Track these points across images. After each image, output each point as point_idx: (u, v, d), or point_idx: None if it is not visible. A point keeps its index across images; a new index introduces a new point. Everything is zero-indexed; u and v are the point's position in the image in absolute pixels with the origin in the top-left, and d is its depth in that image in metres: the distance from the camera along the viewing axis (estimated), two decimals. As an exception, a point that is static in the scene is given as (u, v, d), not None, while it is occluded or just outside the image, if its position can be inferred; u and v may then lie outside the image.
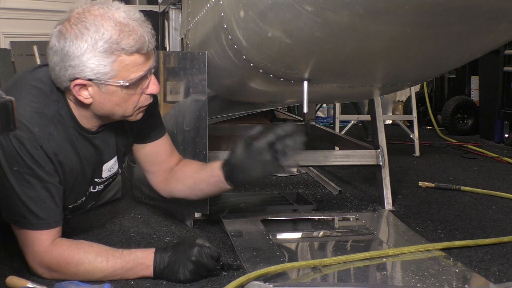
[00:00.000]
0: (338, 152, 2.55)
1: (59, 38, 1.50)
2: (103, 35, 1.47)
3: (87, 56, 1.48)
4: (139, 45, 1.51)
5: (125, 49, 1.49)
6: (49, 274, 1.55)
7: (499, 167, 3.35)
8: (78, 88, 1.53)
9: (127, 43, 1.49)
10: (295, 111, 4.57)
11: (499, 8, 1.30)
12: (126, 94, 1.56)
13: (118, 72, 1.51)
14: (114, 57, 1.49)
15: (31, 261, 1.56)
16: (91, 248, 1.55)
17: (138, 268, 1.55)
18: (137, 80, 1.55)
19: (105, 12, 1.50)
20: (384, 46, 1.54)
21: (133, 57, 1.52)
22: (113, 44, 1.48)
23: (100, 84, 1.52)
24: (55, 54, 1.51)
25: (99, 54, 1.48)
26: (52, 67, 1.54)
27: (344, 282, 1.60)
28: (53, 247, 1.54)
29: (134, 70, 1.53)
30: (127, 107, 1.59)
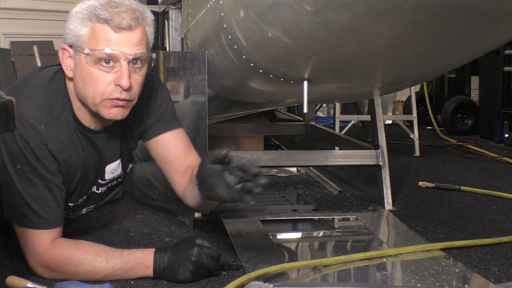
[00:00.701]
0: (338, 152, 2.55)
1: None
2: (90, 3, 1.51)
3: (71, 19, 1.53)
4: (110, 16, 1.49)
5: (97, 15, 1.49)
6: (49, 274, 1.55)
7: (499, 167, 3.35)
8: (61, 53, 1.56)
9: (101, 12, 1.49)
10: (295, 111, 4.57)
11: (499, 8, 1.30)
12: (94, 70, 1.51)
13: (87, 39, 1.51)
14: (90, 24, 1.50)
15: (31, 260, 1.56)
16: (91, 248, 1.55)
17: (138, 268, 1.55)
18: (100, 54, 1.49)
19: None
20: (384, 46, 1.54)
21: (102, 27, 1.49)
22: (92, 10, 1.50)
23: (75, 51, 1.53)
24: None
25: (79, 18, 1.51)
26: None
27: (344, 282, 1.60)
28: (53, 247, 1.54)
29: (101, 43, 1.49)
30: (95, 89, 1.52)
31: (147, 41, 1.57)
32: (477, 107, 4.71)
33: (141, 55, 1.53)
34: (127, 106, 1.57)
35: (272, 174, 3.04)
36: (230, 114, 3.02)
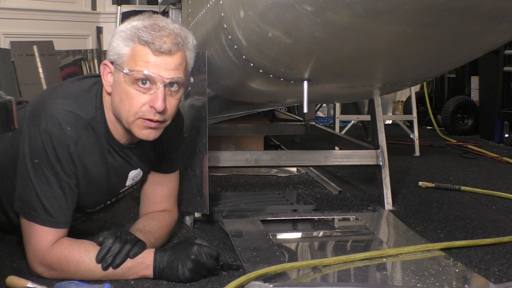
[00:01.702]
0: (338, 152, 2.55)
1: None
2: (135, 24, 1.53)
3: (116, 37, 1.54)
4: (152, 39, 1.50)
5: (140, 37, 1.51)
6: (49, 273, 1.55)
7: (499, 167, 3.35)
8: (103, 68, 1.58)
9: (144, 34, 1.51)
10: (295, 111, 4.57)
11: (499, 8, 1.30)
12: (131, 90, 1.52)
13: (128, 59, 1.52)
14: (131, 44, 1.52)
15: (31, 259, 1.56)
16: (92, 247, 1.55)
17: (138, 268, 1.55)
18: (138, 75, 1.51)
19: (163, 19, 1.56)
20: (384, 46, 1.54)
21: (143, 49, 1.51)
22: (135, 31, 1.52)
23: (116, 69, 1.55)
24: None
25: (122, 38, 1.53)
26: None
27: (344, 282, 1.60)
28: (55, 246, 1.54)
29: (140, 64, 1.51)
30: (129, 108, 1.53)
31: (185, 66, 1.57)
32: (477, 107, 4.71)
33: (178, 79, 1.54)
34: (159, 127, 1.58)
35: (272, 174, 3.04)
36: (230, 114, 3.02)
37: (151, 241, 1.66)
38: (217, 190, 2.70)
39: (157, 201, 1.85)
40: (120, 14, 5.51)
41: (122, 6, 5.56)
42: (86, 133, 1.58)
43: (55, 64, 4.84)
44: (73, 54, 5.11)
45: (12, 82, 4.53)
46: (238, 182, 2.89)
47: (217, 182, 2.86)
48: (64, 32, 5.18)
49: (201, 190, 2.05)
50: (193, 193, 2.07)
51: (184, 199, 2.08)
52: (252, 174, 3.04)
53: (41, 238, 1.54)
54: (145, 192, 1.87)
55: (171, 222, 1.84)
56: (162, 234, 1.77)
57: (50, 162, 1.53)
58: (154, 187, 1.85)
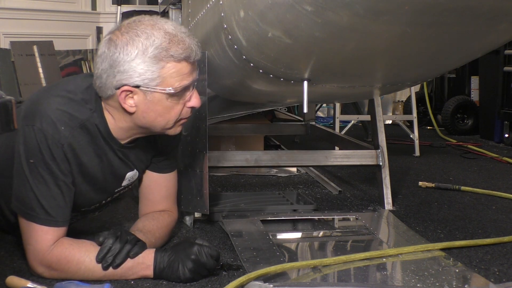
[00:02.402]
0: (338, 152, 2.55)
1: (109, 45, 1.52)
2: (154, 42, 1.50)
3: (136, 62, 1.50)
4: (187, 54, 1.53)
5: (174, 56, 1.51)
6: (49, 273, 1.55)
7: (499, 167, 3.35)
8: (124, 95, 1.54)
9: (176, 51, 1.51)
10: (295, 111, 4.57)
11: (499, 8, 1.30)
12: (170, 103, 1.56)
13: (164, 79, 1.52)
14: (163, 64, 1.51)
15: (31, 259, 1.56)
16: (93, 247, 1.55)
17: (138, 268, 1.55)
18: (182, 89, 1.55)
19: (155, 23, 1.54)
20: (384, 46, 1.54)
21: (180, 65, 1.53)
22: (162, 50, 1.50)
23: (146, 91, 1.53)
24: (104, 60, 1.53)
25: (149, 59, 1.50)
26: (98, 75, 1.55)
27: (344, 282, 1.60)
28: (55, 246, 1.54)
29: (180, 79, 1.54)
30: (169, 118, 1.59)
31: None
32: (477, 107, 4.71)
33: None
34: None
35: (272, 174, 3.04)
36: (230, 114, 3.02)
37: (151, 241, 1.66)
38: (217, 190, 2.70)
39: (156, 201, 1.85)
40: (120, 14, 5.51)
41: (122, 6, 5.57)
42: (81, 133, 1.58)
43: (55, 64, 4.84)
44: (73, 54, 5.11)
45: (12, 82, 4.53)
46: (238, 182, 2.89)
47: (217, 182, 2.86)
48: (64, 32, 5.18)
49: (201, 190, 2.05)
50: (193, 193, 2.07)
51: (184, 199, 2.08)
52: (252, 174, 3.04)
53: (40, 238, 1.54)
54: (143, 193, 1.87)
55: (170, 222, 1.84)
56: (162, 234, 1.77)
57: (46, 162, 1.53)
58: (152, 187, 1.85)
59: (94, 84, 1.58)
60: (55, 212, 1.55)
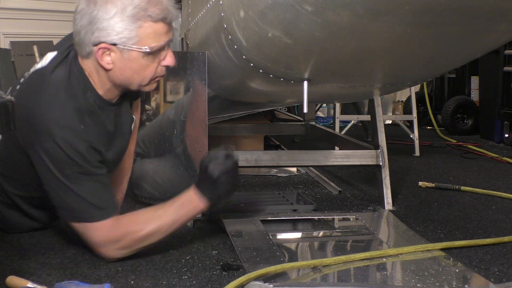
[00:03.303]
0: (338, 152, 2.55)
1: (89, 2, 1.56)
2: (133, 1, 1.54)
3: (115, 20, 1.55)
4: (164, 14, 1.58)
5: (152, 16, 1.56)
6: (123, 252, 1.65)
7: (499, 167, 3.35)
8: (101, 52, 1.59)
9: (154, 11, 1.56)
10: (295, 111, 4.57)
11: (499, 8, 1.30)
12: (145, 62, 1.62)
13: (141, 39, 1.58)
14: (140, 23, 1.56)
15: (103, 251, 1.64)
16: (148, 212, 1.68)
17: (190, 207, 1.68)
18: (158, 49, 1.61)
19: None
20: (384, 46, 1.54)
21: (157, 25, 1.58)
22: (140, 10, 1.55)
23: (123, 49, 1.58)
24: (83, 17, 1.57)
25: (127, 18, 1.55)
26: (77, 31, 1.60)
27: (344, 282, 1.60)
28: (116, 227, 1.63)
29: (156, 39, 1.59)
30: (145, 76, 1.65)
31: None
32: (477, 107, 4.71)
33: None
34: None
35: (272, 174, 3.04)
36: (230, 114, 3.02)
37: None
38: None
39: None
40: (120, 14, 5.50)
41: (122, 6, 5.56)
42: (91, 117, 1.65)
43: (55, 64, 4.83)
44: (73, 54, 5.11)
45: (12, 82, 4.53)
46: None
47: (217, 182, 2.85)
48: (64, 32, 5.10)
49: (201, 190, 2.04)
50: (193, 193, 2.06)
51: (184, 199, 2.08)
52: (252, 174, 3.04)
53: (101, 231, 1.61)
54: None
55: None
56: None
57: (79, 165, 1.59)
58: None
59: (74, 41, 1.63)
60: (105, 204, 1.62)
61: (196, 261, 1.73)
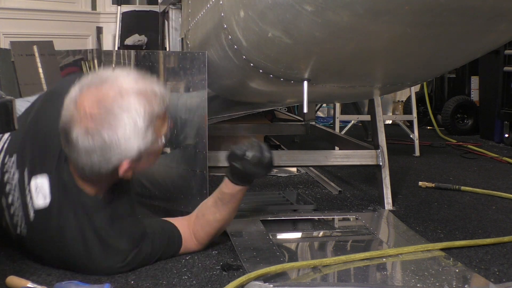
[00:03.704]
0: (338, 152, 2.55)
1: (92, 137, 1.43)
2: (138, 113, 1.45)
3: (132, 139, 1.46)
4: (164, 100, 1.52)
5: (159, 112, 1.50)
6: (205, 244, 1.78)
7: (499, 167, 3.35)
8: (124, 168, 1.50)
9: (158, 105, 1.50)
10: (295, 111, 4.57)
11: (499, 8, 1.30)
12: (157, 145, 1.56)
13: (157, 135, 1.52)
14: (154, 124, 1.49)
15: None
16: (209, 204, 1.77)
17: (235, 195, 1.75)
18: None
19: (115, 88, 1.46)
20: (384, 46, 1.54)
21: (162, 113, 1.53)
22: (150, 115, 1.47)
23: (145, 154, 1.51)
24: (92, 153, 1.45)
25: (143, 129, 1.46)
26: (89, 167, 1.48)
27: (344, 282, 1.60)
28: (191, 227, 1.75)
29: (164, 123, 1.55)
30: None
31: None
32: (477, 107, 4.70)
33: None
34: None
35: (272, 174, 3.04)
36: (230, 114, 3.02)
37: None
38: (217, 190, 2.70)
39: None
40: (120, 14, 5.51)
41: (122, 6, 5.56)
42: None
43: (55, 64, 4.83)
44: (73, 54, 5.11)
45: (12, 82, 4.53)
46: (238, 182, 2.88)
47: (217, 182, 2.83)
48: (64, 32, 5.18)
49: (201, 190, 2.05)
50: (193, 193, 2.07)
51: (184, 199, 2.08)
52: (252, 174, 3.03)
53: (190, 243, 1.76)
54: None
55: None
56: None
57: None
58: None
59: (80, 167, 1.50)
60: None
61: (196, 261, 1.73)
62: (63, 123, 1.46)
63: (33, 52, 4.67)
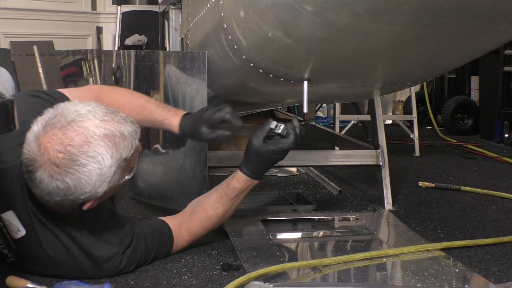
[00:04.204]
0: (338, 152, 2.55)
1: (56, 182, 1.40)
2: (104, 161, 1.41)
3: (98, 184, 1.42)
4: (133, 141, 1.47)
5: (127, 155, 1.46)
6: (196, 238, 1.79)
7: (499, 167, 3.35)
8: (90, 205, 1.48)
9: (126, 149, 1.45)
10: (295, 111, 4.56)
11: (499, 8, 1.30)
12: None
13: (124, 173, 1.50)
14: (121, 167, 1.46)
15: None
16: (212, 199, 1.77)
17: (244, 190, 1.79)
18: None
19: (81, 134, 1.40)
20: (384, 46, 1.54)
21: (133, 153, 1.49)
22: (118, 161, 1.44)
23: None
24: (55, 195, 1.42)
25: (109, 176, 1.43)
26: (52, 202, 1.45)
27: (344, 282, 1.60)
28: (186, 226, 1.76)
29: (132, 160, 1.51)
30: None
31: None
32: (477, 107, 4.70)
33: None
34: None
35: (272, 174, 3.04)
36: (230, 114, 3.00)
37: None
38: (217, 190, 2.70)
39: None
40: (120, 14, 5.51)
41: (122, 6, 5.57)
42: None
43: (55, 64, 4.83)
44: (73, 54, 5.11)
45: (12, 82, 4.52)
46: (238, 182, 2.88)
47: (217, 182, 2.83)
48: (64, 32, 5.18)
49: (201, 190, 2.05)
50: (193, 193, 2.06)
51: (184, 199, 2.08)
52: (252, 174, 3.03)
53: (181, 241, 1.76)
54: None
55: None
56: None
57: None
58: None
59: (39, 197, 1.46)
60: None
61: (196, 261, 1.73)
62: (25, 159, 1.41)
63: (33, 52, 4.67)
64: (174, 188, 2.18)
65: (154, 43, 5.28)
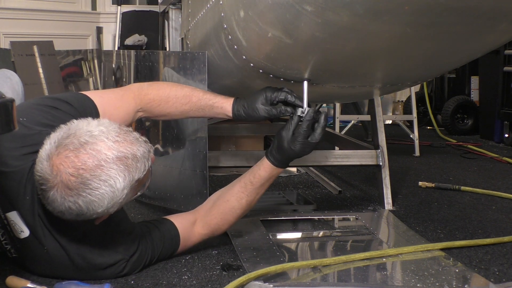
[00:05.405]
0: (338, 152, 2.55)
1: (68, 203, 1.40)
2: (116, 184, 1.41)
3: (110, 205, 1.42)
4: (146, 162, 1.47)
5: (139, 177, 1.46)
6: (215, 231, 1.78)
7: (499, 167, 3.35)
8: (102, 219, 1.50)
9: (139, 171, 1.45)
10: (295, 111, 4.55)
11: (499, 8, 1.30)
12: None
13: (136, 190, 1.50)
14: (134, 187, 1.47)
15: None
16: (235, 190, 1.75)
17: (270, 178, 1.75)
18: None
19: (94, 157, 1.40)
20: (384, 46, 1.54)
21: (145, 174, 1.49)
22: (130, 183, 1.43)
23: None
24: (68, 214, 1.43)
25: (121, 197, 1.43)
26: (64, 218, 1.45)
27: (344, 282, 1.60)
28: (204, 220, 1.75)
29: (144, 179, 1.51)
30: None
31: None
32: (477, 107, 4.70)
33: None
34: None
35: None
36: (230, 114, 3.01)
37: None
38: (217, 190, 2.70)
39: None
40: (120, 14, 5.51)
41: (122, 6, 5.57)
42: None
43: (55, 64, 4.84)
44: (73, 54, 5.11)
45: (12, 82, 4.52)
46: (238, 182, 2.88)
47: (217, 182, 2.85)
48: (64, 32, 5.18)
49: (201, 190, 2.05)
50: (193, 193, 2.07)
51: (184, 199, 2.08)
52: (252, 174, 3.03)
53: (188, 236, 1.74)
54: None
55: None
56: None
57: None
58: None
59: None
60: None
61: (196, 261, 1.73)
62: (38, 177, 1.41)
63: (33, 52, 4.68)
64: (174, 188, 2.18)
65: (154, 43, 5.28)
